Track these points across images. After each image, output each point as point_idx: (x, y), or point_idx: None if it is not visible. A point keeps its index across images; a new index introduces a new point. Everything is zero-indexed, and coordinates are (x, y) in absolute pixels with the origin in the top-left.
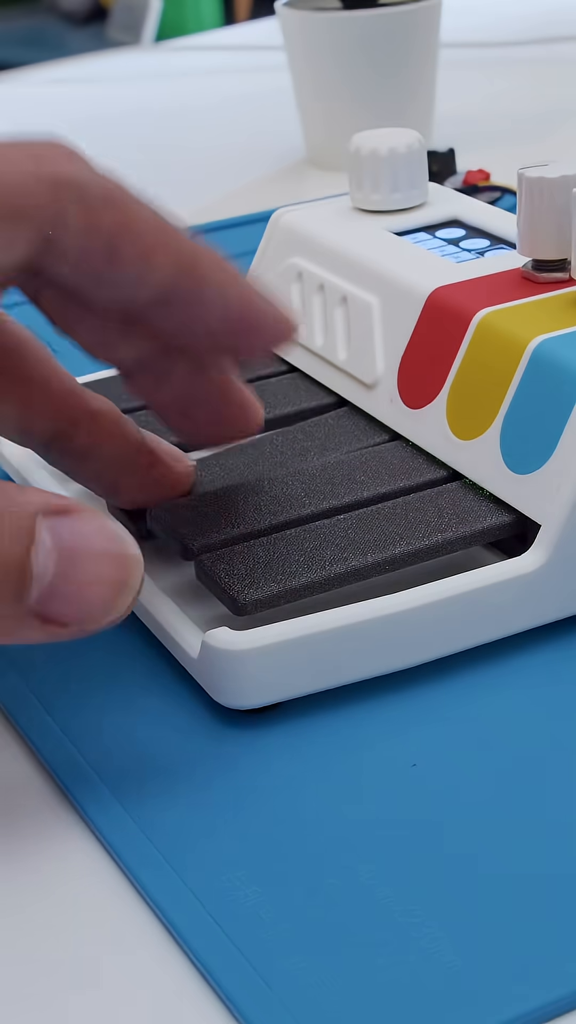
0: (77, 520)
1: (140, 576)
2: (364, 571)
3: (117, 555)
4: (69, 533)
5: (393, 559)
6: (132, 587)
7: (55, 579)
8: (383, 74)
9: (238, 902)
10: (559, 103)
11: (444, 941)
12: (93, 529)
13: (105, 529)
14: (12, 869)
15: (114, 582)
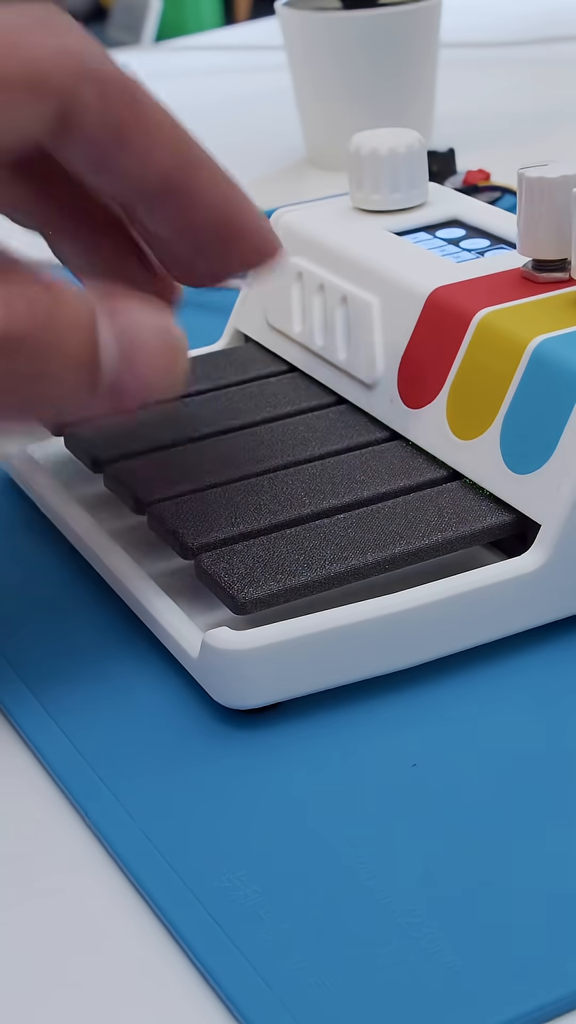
0: (127, 308)
1: (187, 348)
2: (364, 570)
3: (164, 329)
4: (124, 321)
5: (393, 558)
6: (183, 356)
7: (121, 362)
8: (383, 74)
9: (238, 902)
10: (559, 103)
11: (444, 941)
12: (142, 312)
13: (151, 310)
14: (10, 868)
15: (167, 351)
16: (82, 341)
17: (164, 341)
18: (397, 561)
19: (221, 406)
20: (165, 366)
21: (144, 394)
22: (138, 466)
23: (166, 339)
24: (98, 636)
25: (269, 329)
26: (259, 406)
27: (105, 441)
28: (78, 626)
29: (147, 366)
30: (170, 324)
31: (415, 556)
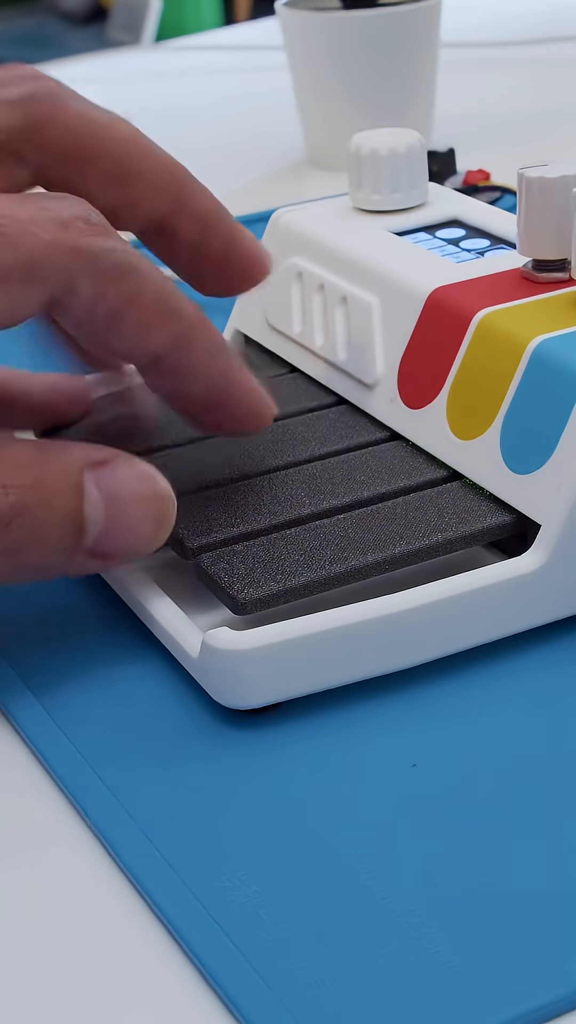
0: (116, 469)
1: (174, 510)
2: (364, 570)
3: (153, 494)
4: (111, 482)
5: (393, 558)
6: (169, 520)
7: (105, 523)
8: (383, 74)
9: (238, 902)
10: (559, 103)
11: (444, 941)
12: (131, 475)
13: (141, 472)
14: (9, 868)
15: (154, 518)
16: (69, 502)
17: (150, 494)
18: (397, 561)
19: None
20: (151, 519)
21: (128, 550)
22: None
23: (152, 491)
24: (98, 636)
25: (269, 329)
26: None
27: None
28: (78, 626)
29: (133, 521)
30: (155, 476)
31: (415, 556)
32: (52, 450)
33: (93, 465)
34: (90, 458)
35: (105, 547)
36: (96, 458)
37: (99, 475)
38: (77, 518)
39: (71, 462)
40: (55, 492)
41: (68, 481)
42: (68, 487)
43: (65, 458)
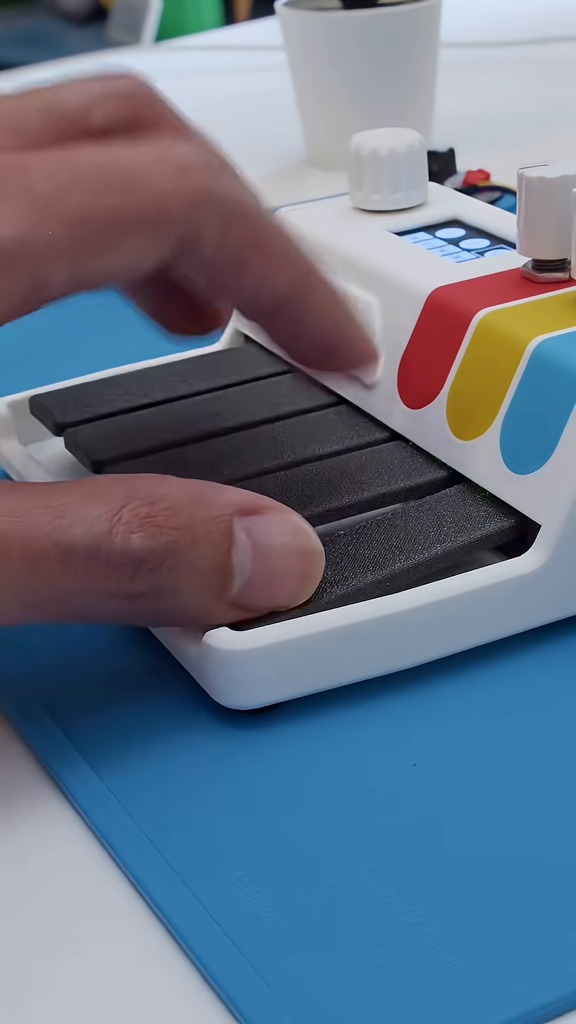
0: (269, 519)
1: (322, 566)
2: (366, 590)
3: (304, 550)
4: (262, 532)
5: (393, 575)
6: (316, 577)
7: (252, 575)
8: (383, 74)
9: (238, 902)
10: (559, 103)
11: (444, 941)
12: (283, 526)
13: (293, 525)
14: (9, 868)
15: (301, 574)
16: (219, 549)
17: (301, 549)
18: (397, 578)
19: (221, 406)
20: (298, 574)
21: (271, 604)
22: (138, 467)
23: (303, 547)
24: (97, 636)
25: None
26: (259, 407)
27: (105, 442)
28: (77, 626)
29: (280, 575)
30: (308, 531)
31: (415, 571)
32: (206, 493)
33: (245, 512)
34: (242, 505)
35: (248, 599)
36: (248, 506)
37: (250, 524)
38: (225, 566)
39: (224, 507)
40: (206, 537)
41: (220, 528)
42: (219, 533)
43: (219, 502)
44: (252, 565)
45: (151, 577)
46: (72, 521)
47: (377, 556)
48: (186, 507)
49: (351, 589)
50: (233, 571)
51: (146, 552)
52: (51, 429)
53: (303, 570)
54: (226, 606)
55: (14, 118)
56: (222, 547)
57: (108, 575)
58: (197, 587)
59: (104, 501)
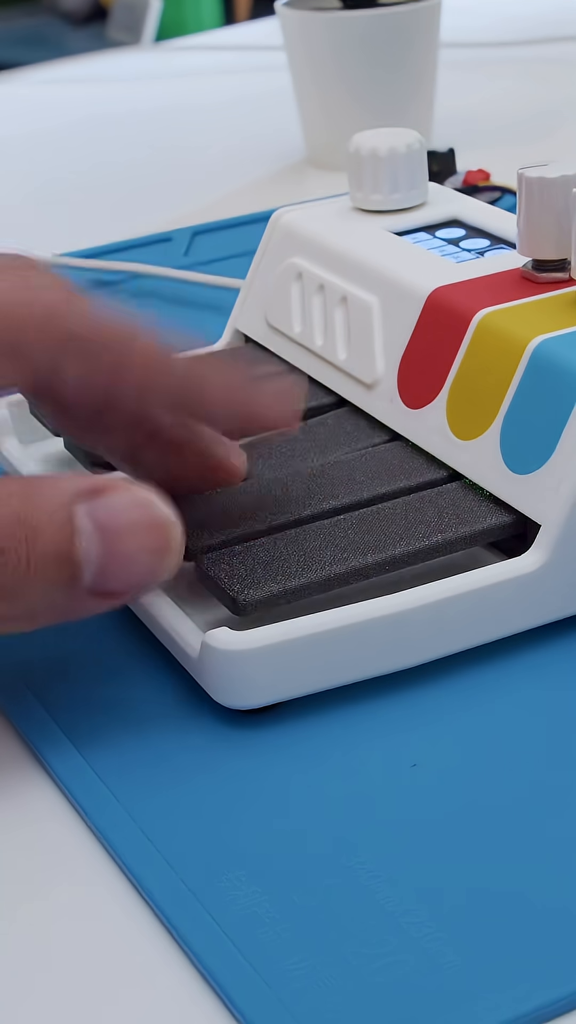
0: (110, 498)
1: (179, 536)
2: (364, 571)
3: (153, 523)
4: (105, 512)
5: (393, 559)
6: (173, 549)
7: (102, 559)
8: (383, 74)
9: (238, 902)
10: (559, 103)
11: (444, 941)
12: (126, 503)
13: (138, 499)
14: (8, 868)
15: (156, 548)
16: (58, 538)
17: (149, 522)
18: (397, 562)
19: None
20: (152, 549)
21: (133, 585)
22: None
23: (151, 519)
24: (98, 636)
25: (269, 329)
26: None
27: None
28: (77, 626)
29: (132, 554)
30: (153, 502)
31: (415, 557)
32: (39, 483)
33: (84, 495)
34: (81, 488)
35: (107, 584)
36: (87, 487)
37: (92, 506)
38: (69, 555)
39: (59, 494)
40: (41, 528)
41: (56, 516)
42: (57, 522)
43: (53, 490)
44: (100, 550)
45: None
46: None
47: (377, 540)
48: (10, 502)
49: (349, 568)
50: (80, 560)
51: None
52: (51, 429)
53: (157, 544)
54: (86, 597)
55: None
56: (61, 536)
57: None
58: (41, 584)
59: None
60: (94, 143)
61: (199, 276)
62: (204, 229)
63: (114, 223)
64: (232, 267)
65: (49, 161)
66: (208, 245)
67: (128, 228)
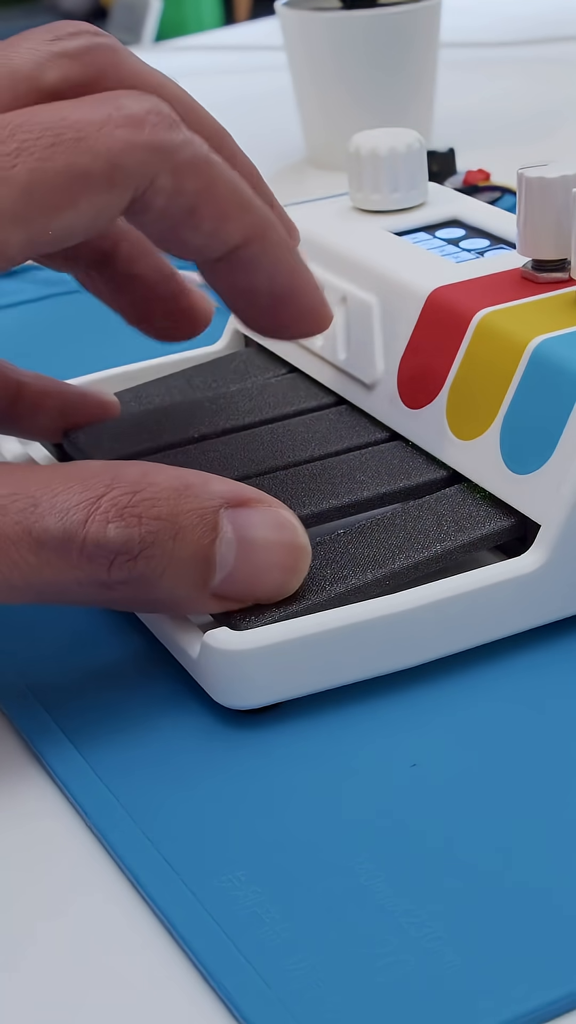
0: (255, 512)
1: (308, 561)
2: (364, 589)
3: (289, 545)
4: (248, 525)
5: (392, 574)
6: (301, 572)
7: (235, 567)
8: (383, 74)
9: (238, 902)
10: (559, 103)
11: (444, 941)
12: (269, 520)
13: (279, 519)
14: (8, 868)
15: (285, 568)
16: (201, 540)
17: (286, 543)
18: (397, 576)
19: (221, 407)
20: (282, 569)
21: (253, 597)
22: None
23: (288, 541)
24: (97, 636)
25: None
26: (259, 407)
27: (105, 442)
28: (77, 626)
29: (263, 568)
30: (294, 526)
31: (415, 569)
32: (194, 483)
33: (232, 505)
34: (230, 497)
35: (230, 590)
36: (236, 498)
37: (236, 516)
38: (208, 558)
39: (210, 499)
40: (189, 528)
41: (204, 519)
42: (203, 525)
43: (205, 494)
44: (236, 558)
45: (129, 567)
46: (46, 510)
47: (377, 555)
48: (170, 497)
49: (350, 587)
50: (215, 563)
51: (122, 542)
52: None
53: (287, 564)
54: (208, 597)
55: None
56: (205, 539)
57: (82, 565)
58: (177, 578)
59: (85, 488)
60: None
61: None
62: None
63: None
64: None
65: None
66: None
67: None
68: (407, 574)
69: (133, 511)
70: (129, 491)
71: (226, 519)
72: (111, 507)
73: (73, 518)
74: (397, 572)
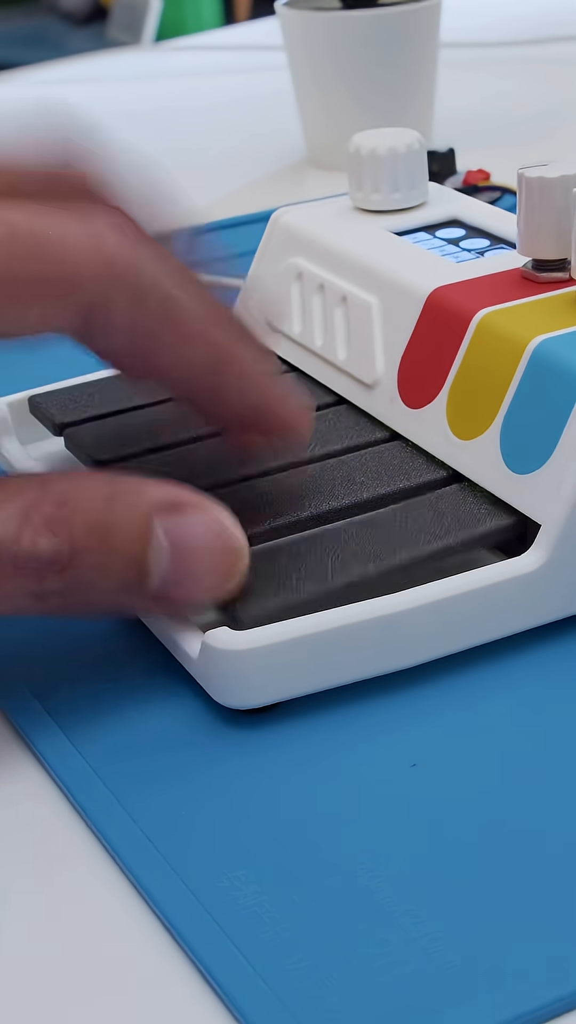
0: (189, 519)
1: (246, 563)
2: (365, 583)
3: (224, 550)
4: (182, 531)
5: (393, 569)
6: (239, 574)
7: (170, 573)
8: (383, 74)
9: (238, 902)
10: (559, 103)
11: (444, 941)
12: (204, 526)
13: (214, 524)
14: (9, 868)
15: (222, 573)
16: (132, 548)
17: (221, 548)
18: (397, 571)
19: None
20: (219, 573)
21: (192, 601)
22: (138, 467)
23: (224, 546)
24: (97, 636)
25: (269, 329)
26: None
27: (105, 441)
28: (77, 626)
29: (199, 574)
30: (228, 529)
31: (416, 565)
32: (124, 490)
33: (165, 510)
34: (163, 502)
35: (170, 594)
36: (168, 502)
37: (170, 524)
38: (141, 565)
39: (141, 505)
40: (120, 537)
41: (135, 527)
42: (134, 533)
43: (137, 500)
44: (170, 564)
45: (60, 578)
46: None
47: (378, 549)
48: (99, 505)
49: (351, 579)
50: (149, 570)
51: (52, 553)
52: (51, 429)
53: (223, 569)
54: (146, 600)
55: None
56: (137, 547)
57: (16, 576)
58: (110, 585)
59: (14, 501)
60: None
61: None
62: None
63: None
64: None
65: None
66: None
67: None
68: (408, 569)
69: (62, 521)
70: (58, 501)
71: (159, 526)
72: (41, 519)
73: (7, 530)
74: (398, 566)
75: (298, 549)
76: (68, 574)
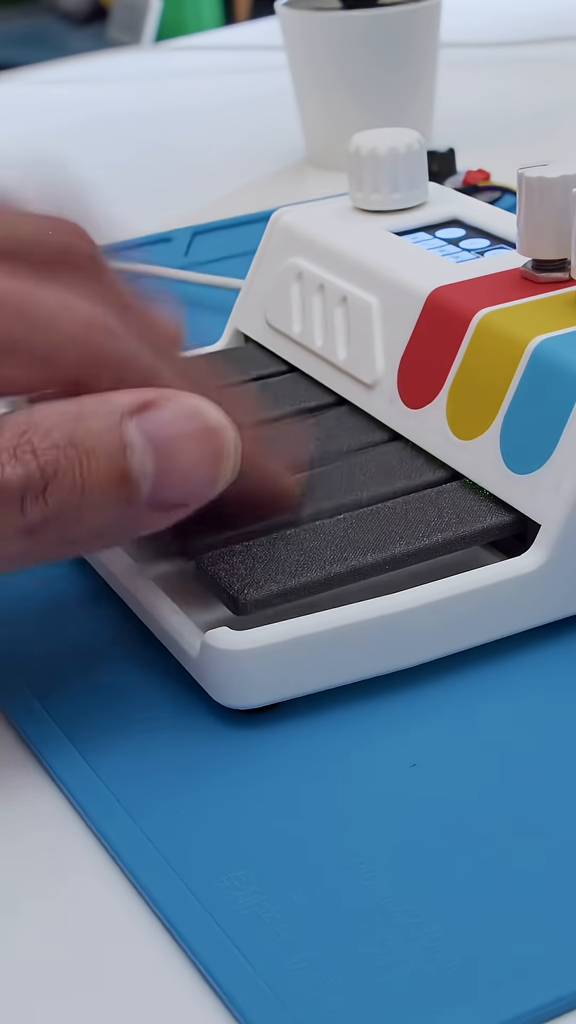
0: (162, 411)
1: (233, 439)
2: (364, 570)
3: (205, 431)
4: (157, 425)
5: (393, 559)
6: (228, 454)
7: (157, 473)
8: (383, 74)
9: (238, 902)
10: (559, 103)
11: (444, 941)
12: (176, 414)
13: (187, 409)
14: (9, 868)
15: (212, 456)
16: (110, 456)
17: (201, 429)
18: (397, 562)
19: None
20: (208, 457)
21: (192, 496)
22: None
23: (203, 426)
24: (98, 636)
25: (269, 329)
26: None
27: None
28: (78, 626)
29: (188, 464)
30: (204, 409)
31: (415, 557)
32: (88, 402)
33: (134, 410)
34: (129, 403)
35: (165, 498)
36: (136, 403)
37: (142, 420)
38: (123, 473)
39: (109, 412)
40: (93, 448)
41: (107, 436)
42: (108, 441)
43: (103, 408)
44: (155, 464)
45: (40, 504)
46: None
47: (377, 540)
48: (64, 423)
49: (349, 568)
50: (134, 477)
51: (23, 479)
52: None
53: (212, 453)
54: (146, 512)
55: None
56: (114, 454)
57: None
58: (98, 503)
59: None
60: (94, 143)
61: (199, 276)
62: (204, 229)
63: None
64: (232, 267)
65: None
66: (208, 245)
67: (128, 228)
68: (406, 560)
69: (24, 448)
70: (18, 431)
71: (133, 427)
72: (2, 451)
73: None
74: (396, 557)
75: (299, 538)
76: (48, 497)
